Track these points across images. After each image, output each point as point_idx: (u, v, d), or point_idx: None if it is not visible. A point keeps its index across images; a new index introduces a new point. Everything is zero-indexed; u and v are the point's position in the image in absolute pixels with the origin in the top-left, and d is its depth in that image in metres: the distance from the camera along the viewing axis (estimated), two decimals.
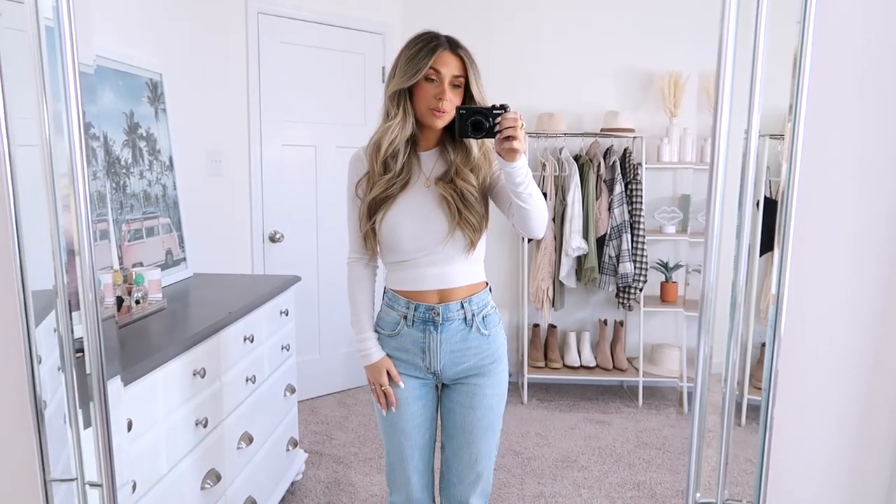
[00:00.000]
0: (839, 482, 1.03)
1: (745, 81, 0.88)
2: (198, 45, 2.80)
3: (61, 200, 0.97)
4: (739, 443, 1.02)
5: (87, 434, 1.01)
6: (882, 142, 0.94)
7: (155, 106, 2.37)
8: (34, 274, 1.03)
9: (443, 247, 1.48)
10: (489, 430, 1.56)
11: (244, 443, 1.96)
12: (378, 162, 1.48)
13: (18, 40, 0.95)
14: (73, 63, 0.93)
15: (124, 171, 2.14)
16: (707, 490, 1.02)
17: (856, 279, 0.98)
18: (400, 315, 1.53)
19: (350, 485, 2.58)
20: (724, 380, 0.95)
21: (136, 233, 2.17)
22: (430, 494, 1.64)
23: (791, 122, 0.87)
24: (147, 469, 1.47)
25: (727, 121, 0.89)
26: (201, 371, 1.70)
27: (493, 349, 1.55)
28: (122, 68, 2.18)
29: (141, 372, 1.43)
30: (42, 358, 1.06)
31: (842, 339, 0.99)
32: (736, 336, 0.95)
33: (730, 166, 0.92)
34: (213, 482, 1.74)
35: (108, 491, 0.98)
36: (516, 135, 1.29)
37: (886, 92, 0.93)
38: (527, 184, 1.35)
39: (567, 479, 2.65)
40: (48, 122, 0.96)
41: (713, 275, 0.94)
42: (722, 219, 0.92)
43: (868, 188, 0.95)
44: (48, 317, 1.06)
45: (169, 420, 1.57)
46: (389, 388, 1.53)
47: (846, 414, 1.01)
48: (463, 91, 1.46)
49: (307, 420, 3.19)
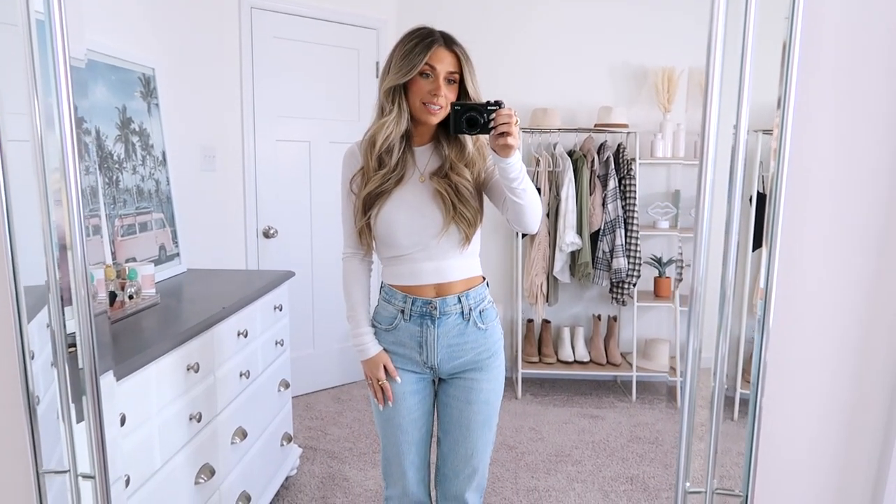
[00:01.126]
0: (828, 474, 1.04)
1: (735, 77, 0.88)
2: (191, 39, 2.79)
3: (53, 195, 0.97)
4: (732, 436, 1.03)
5: (81, 428, 1.01)
6: (871, 137, 0.95)
7: (148, 101, 2.36)
8: (26, 269, 1.03)
9: (438, 241, 1.48)
10: (486, 424, 1.56)
11: (238, 438, 1.96)
12: (373, 158, 1.48)
13: (9, 34, 0.95)
14: (64, 57, 0.93)
15: (117, 166, 2.13)
16: (698, 483, 1.03)
17: (845, 273, 0.98)
18: (397, 309, 1.53)
19: (344, 479, 2.59)
20: (714, 373, 0.96)
21: (130, 228, 2.17)
22: (426, 489, 1.65)
23: (779, 116, 0.88)
24: (141, 463, 1.47)
25: (716, 116, 0.89)
26: (195, 366, 1.70)
27: (490, 344, 1.55)
28: (114, 63, 2.17)
29: (134, 367, 1.43)
30: (35, 353, 1.06)
31: (831, 333, 1.00)
32: (725, 330, 0.96)
33: (720, 162, 0.93)
34: (207, 477, 1.75)
35: (101, 482, 0.99)
36: (511, 131, 1.29)
37: (875, 87, 0.93)
38: (521, 179, 1.36)
39: (561, 473, 2.66)
40: (39, 117, 0.96)
41: (703, 269, 0.95)
42: (711, 214, 0.93)
43: (858, 183, 0.96)
44: (41, 312, 1.06)
45: (162, 415, 1.57)
46: (386, 383, 1.54)
47: (835, 406, 1.02)
48: (458, 87, 1.46)
49: (301, 415, 3.20)
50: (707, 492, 1.01)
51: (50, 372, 1.05)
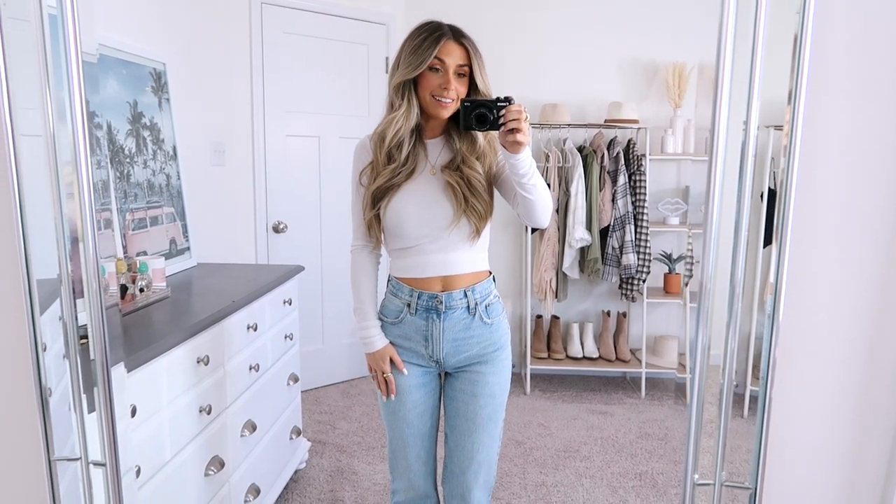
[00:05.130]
0: (837, 469, 1.04)
1: (746, 72, 0.88)
2: (201, 34, 2.80)
3: (65, 189, 0.98)
4: (742, 434, 1.03)
5: (92, 419, 1.02)
6: (882, 132, 0.94)
7: (158, 95, 2.38)
8: (39, 263, 1.04)
9: (448, 233, 1.48)
10: (492, 418, 1.56)
11: (247, 431, 1.98)
12: (382, 152, 1.48)
13: (22, 29, 0.96)
14: (76, 52, 0.94)
15: (128, 161, 2.15)
16: (707, 477, 1.03)
17: (855, 269, 0.98)
18: (403, 303, 1.54)
19: (353, 473, 2.60)
20: (723, 369, 0.96)
21: (140, 222, 2.18)
22: (432, 482, 1.65)
23: (790, 112, 0.87)
24: (151, 455, 1.49)
25: (727, 112, 0.89)
26: (205, 359, 1.72)
27: (496, 338, 1.55)
28: (125, 57, 2.18)
29: (145, 358, 1.45)
30: (47, 345, 1.07)
31: (841, 329, 1.00)
32: (735, 326, 0.95)
33: (731, 158, 0.92)
34: (217, 469, 1.76)
35: (112, 470, 1.00)
36: (520, 127, 1.29)
37: (887, 82, 0.92)
38: (531, 175, 1.36)
39: (569, 468, 2.66)
40: (52, 111, 0.97)
41: (712, 266, 0.94)
42: (721, 210, 0.92)
43: (869, 178, 0.95)
44: (53, 305, 1.08)
45: (173, 407, 1.58)
46: (391, 376, 1.54)
47: (845, 402, 1.02)
48: (468, 80, 1.46)
49: (311, 409, 3.22)
50: (716, 484, 1.00)
51: (62, 363, 1.06)
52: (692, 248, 3.42)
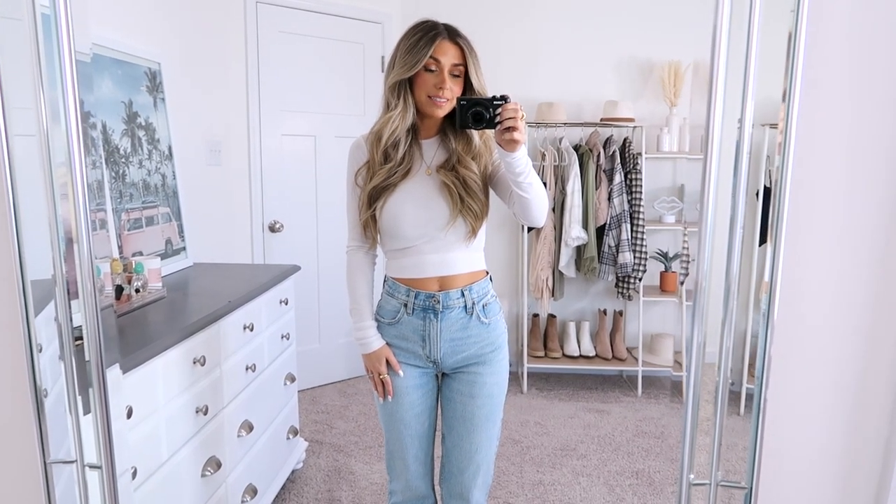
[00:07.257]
0: (833, 467, 1.04)
1: (740, 70, 0.88)
2: (197, 34, 2.80)
3: (59, 189, 0.98)
4: (738, 432, 1.03)
5: (88, 420, 1.02)
6: (878, 130, 0.94)
7: (154, 95, 2.37)
8: (33, 263, 1.04)
9: (444, 233, 1.48)
10: (489, 419, 1.56)
11: (244, 431, 1.98)
12: (378, 152, 1.48)
13: (14, 29, 0.95)
14: (69, 52, 0.93)
15: (123, 161, 2.14)
16: (702, 477, 1.03)
17: (850, 268, 0.98)
18: (400, 303, 1.54)
19: (350, 473, 2.60)
20: (718, 367, 0.96)
21: (136, 222, 2.18)
22: (429, 483, 1.65)
23: (784, 110, 0.87)
24: (148, 456, 1.48)
25: (721, 110, 0.89)
26: (201, 359, 1.71)
27: (494, 338, 1.55)
28: (120, 57, 2.18)
29: (141, 360, 1.44)
30: (42, 347, 1.07)
31: (836, 327, 1.00)
32: (730, 324, 0.96)
33: (726, 156, 0.92)
34: (214, 469, 1.76)
35: (108, 472, 1.00)
36: (517, 125, 1.29)
37: (882, 80, 0.93)
38: (527, 173, 1.36)
39: (566, 467, 2.66)
40: (45, 111, 0.96)
41: (707, 264, 0.94)
42: (716, 208, 0.93)
43: (864, 177, 0.95)
44: (48, 306, 1.07)
45: (169, 407, 1.58)
46: (387, 377, 1.54)
47: (840, 400, 1.02)
48: (463, 80, 1.46)
49: (307, 409, 3.21)
50: (711, 484, 1.01)
51: (57, 365, 1.06)
52: (688, 247, 3.42)
